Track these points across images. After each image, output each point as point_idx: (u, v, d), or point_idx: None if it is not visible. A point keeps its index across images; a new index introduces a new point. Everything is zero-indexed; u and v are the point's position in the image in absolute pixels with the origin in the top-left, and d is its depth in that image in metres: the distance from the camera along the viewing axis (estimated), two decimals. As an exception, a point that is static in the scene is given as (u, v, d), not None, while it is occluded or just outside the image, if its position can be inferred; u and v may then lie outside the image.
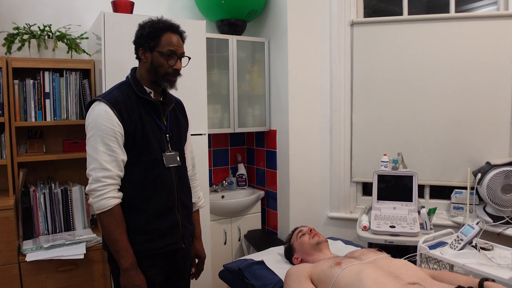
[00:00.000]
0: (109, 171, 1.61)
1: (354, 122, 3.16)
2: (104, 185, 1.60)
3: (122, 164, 1.66)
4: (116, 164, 1.63)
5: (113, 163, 1.62)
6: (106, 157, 1.61)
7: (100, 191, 1.60)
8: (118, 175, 1.64)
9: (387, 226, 2.48)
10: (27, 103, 2.41)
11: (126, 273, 1.63)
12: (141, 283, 1.64)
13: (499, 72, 2.79)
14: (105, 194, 1.60)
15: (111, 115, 1.63)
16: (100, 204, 1.60)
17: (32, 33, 2.53)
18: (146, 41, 1.70)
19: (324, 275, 1.74)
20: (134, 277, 1.63)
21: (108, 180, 1.61)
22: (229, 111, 3.15)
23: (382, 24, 3.02)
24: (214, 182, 3.46)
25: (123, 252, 1.62)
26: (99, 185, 1.59)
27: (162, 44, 1.70)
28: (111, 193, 1.61)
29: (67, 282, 2.30)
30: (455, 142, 2.92)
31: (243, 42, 3.19)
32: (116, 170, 1.63)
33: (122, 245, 1.62)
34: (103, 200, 1.59)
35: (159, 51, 1.70)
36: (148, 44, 1.70)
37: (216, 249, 3.06)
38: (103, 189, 1.60)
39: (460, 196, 2.85)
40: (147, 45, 1.70)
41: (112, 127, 1.62)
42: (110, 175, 1.61)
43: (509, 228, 2.57)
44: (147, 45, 1.70)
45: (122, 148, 1.66)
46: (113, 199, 1.61)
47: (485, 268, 1.83)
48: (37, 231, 2.44)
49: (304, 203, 3.20)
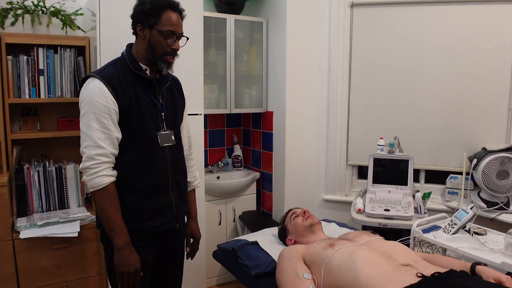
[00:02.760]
0: (103, 149, 1.59)
1: (351, 105, 3.14)
2: (98, 163, 1.58)
3: (117, 142, 1.64)
4: (111, 142, 1.61)
5: (107, 141, 1.60)
6: (100, 135, 1.59)
7: (94, 169, 1.58)
8: (113, 153, 1.62)
9: (381, 210, 2.49)
10: (20, 79, 2.38)
11: (120, 251, 1.62)
12: (135, 262, 1.64)
13: (498, 57, 2.77)
14: (99, 172, 1.58)
15: (105, 92, 1.60)
16: (94, 182, 1.58)
17: (25, 8, 2.48)
18: (146, 18, 1.66)
19: (317, 256, 1.75)
20: (128, 256, 1.63)
21: (102, 158, 1.59)
22: (225, 92, 3.13)
23: (383, 6, 2.98)
24: (210, 162, 3.45)
25: (117, 230, 1.61)
26: (93, 163, 1.58)
27: (162, 22, 1.66)
28: (105, 171, 1.60)
29: (61, 260, 2.31)
30: (452, 127, 2.91)
31: (241, 22, 3.14)
32: (110, 148, 1.61)
33: (116, 224, 1.61)
34: (97, 178, 1.58)
35: (158, 30, 1.66)
36: (148, 20, 1.66)
37: (210, 230, 3.07)
38: (97, 167, 1.58)
39: (455, 181, 2.86)
40: (147, 21, 1.66)
41: (106, 104, 1.59)
42: (104, 152, 1.59)
43: (502, 213, 2.59)
44: (147, 21, 1.66)
45: (116, 126, 1.63)
46: (107, 177, 1.60)
47: (478, 252, 1.84)
48: (31, 209, 2.43)
49: (299, 185, 3.21)
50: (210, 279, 3.11)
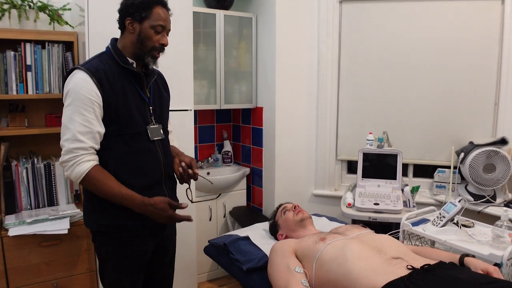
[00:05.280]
0: (82, 143, 1.55)
1: (340, 100, 3.16)
2: (76, 155, 1.55)
3: (98, 136, 1.60)
4: (91, 136, 1.57)
5: (88, 135, 1.56)
6: (80, 128, 1.55)
7: (72, 161, 1.55)
8: (92, 147, 1.58)
9: (371, 203, 2.51)
10: (7, 75, 2.34)
11: (146, 211, 1.61)
12: (163, 206, 1.61)
13: (484, 52, 2.81)
14: (77, 162, 1.54)
15: (90, 84, 1.57)
16: (76, 173, 1.55)
17: (12, 3, 2.44)
18: (137, 11, 1.64)
19: (308, 250, 1.76)
20: (154, 209, 1.61)
21: (80, 151, 1.55)
22: (215, 87, 3.12)
23: (371, 2, 3.00)
24: (200, 158, 3.44)
25: (126, 200, 1.59)
26: (71, 156, 1.54)
27: (153, 17, 1.65)
28: (84, 157, 1.55)
29: (51, 257, 2.29)
30: (440, 121, 2.95)
31: (230, 17, 3.13)
32: (90, 142, 1.57)
33: (121, 196, 1.58)
34: (76, 167, 1.54)
35: (150, 24, 1.65)
36: (139, 14, 1.64)
37: (201, 225, 3.07)
38: (74, 158, 1.55)
39: (443, 175, 2.90)
40: (138, 14, 1.64)
41: (90, 97, 1.56)
42: (83, 146, 1.55)
43: (489, 206, 2.63)
44: (138, 14, 1.64)
45: (99, 120, 1.60)
46: (86, 162, 1.55)
47: (466, 244, 1.87)
48: (19, 206, 2.40)
49: (289, 181, 3.22)
50: (201, 274, 3.12)
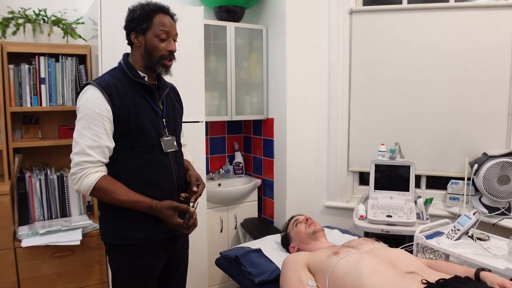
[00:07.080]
0: (90, 156, 1.58)
1: (351, 111, 3.15)
2: (83, 168, 1.57)
3: (107, 150, 1.62)
4: (100, 150, 1.60)
5: (97, 149, 1.59)
6: (89, 142, 1.58)
7: (79, 173, 1.57)
8: (100, 161, 1.60)
9: (383, 216, 2.49)
10: (22, 88, 2.38)
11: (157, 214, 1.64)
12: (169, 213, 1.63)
13: (497, 63, 2.78)
14: (84, 174, 1.57)
15: (100, 99, 1.59)
16: (84, 185, 1.57)
17: (27, 17, 2.49)
18: (138, 24, 1.66)
19: (321, 264, 1.74)
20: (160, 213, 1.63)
21: (88, 164, 1.58)
22: (226, 99, 3.13)
23: (382, 13, 3.00)
24: (211, 170, 3.45)
25: (137, 205, 1.62)
26: (78, 168, 1.57)
27: (154, 25, 1.66)
28: (90, 170, 1.58)
29: (63, 268, 2.30)
30: (453, 132, 2.92)
31: (241, 29, 3.15)
32: (98, 156, 1.59)
33: (129, 203, 1.61)
34: (84, 179, 1.57)
35: (153, 33, 1.66)
36: (140, 26, 1.66)
37: (212, 237, 3.06)
38: (82, 170, 1.57)
39: (456, 187, 2.86)
40: (140, 27, 1.66)
41: (100, 112, 1.58)
42: (91, 160, 1.58)
43: (504, 219, 2.59)
44: (140, 27, 1.66)
45: (108, 134, 1.62)
46: (93, 174, 1.58)
47: (482, 258, 1.84)
48: (32, 217, 2.42)
49: (300, 192, 3.20)
50: (211, 286, 3.10)
